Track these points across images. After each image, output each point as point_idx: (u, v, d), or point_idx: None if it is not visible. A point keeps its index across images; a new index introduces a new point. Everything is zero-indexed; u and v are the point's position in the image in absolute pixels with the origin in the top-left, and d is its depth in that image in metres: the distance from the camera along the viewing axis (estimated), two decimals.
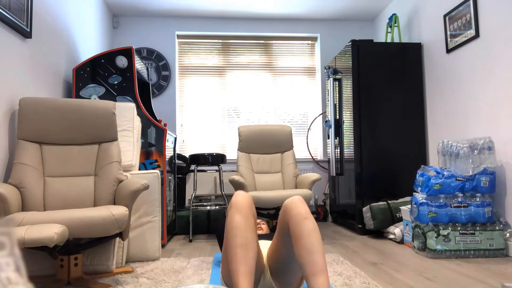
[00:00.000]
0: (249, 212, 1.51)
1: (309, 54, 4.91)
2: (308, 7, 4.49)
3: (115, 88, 3.11)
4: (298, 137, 4.80)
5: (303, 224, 1.45)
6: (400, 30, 4.22)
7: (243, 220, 1.47)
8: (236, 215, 1.49)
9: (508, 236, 2.61)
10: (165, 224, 3.08)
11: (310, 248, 1.40)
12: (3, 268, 0.40)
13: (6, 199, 1.91)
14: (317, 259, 1.38)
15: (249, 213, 1.51)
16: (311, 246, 1.41)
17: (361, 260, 2.52)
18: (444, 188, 2.67)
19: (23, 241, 1.57)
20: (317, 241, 1.42)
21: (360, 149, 3.59)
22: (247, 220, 1.48)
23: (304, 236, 1.43)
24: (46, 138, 2.24)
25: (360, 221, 3.51)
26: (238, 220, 1.47)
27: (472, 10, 2.97)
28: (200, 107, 4.72)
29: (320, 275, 1.36)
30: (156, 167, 3.08)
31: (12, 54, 2.32)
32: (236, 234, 1.44)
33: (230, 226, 1.48)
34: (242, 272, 1.38)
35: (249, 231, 1.46)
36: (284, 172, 3.74)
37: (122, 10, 4.48)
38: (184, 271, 2.28)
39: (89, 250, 2.24)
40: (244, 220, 1.48)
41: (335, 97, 4.00)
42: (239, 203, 1.51)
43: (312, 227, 1.45)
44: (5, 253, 0.41)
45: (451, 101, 3.29)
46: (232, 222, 1.48)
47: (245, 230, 1.45)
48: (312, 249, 1.40)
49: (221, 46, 4.81)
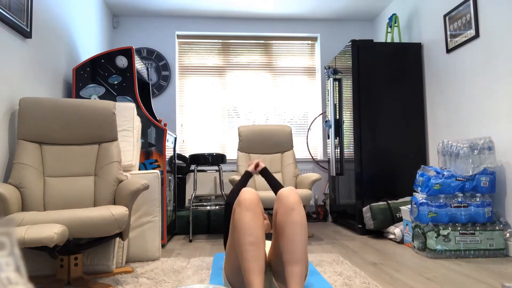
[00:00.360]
0: (258, 209, 1.50)
1: (309, 54, 4.91)
2: (308, 7, 4.49)
3: (115, 88, 3.11)
4: (298, 137, 4.80)
5: (289, 214, 1.47)
6: (400, 30, 4.22)
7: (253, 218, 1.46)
8: (245, 213, 1.47)
9: (508, 236, 2.61)
10: (165, 224, 3.08)
11: (292, 238, 1.42)
12: (3, 268, 0.40)
13: (6, 199, 1.91)
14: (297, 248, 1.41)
15: (258, 210, 1.50)
16: (293, 236, 1.43)
17: (361, 260, 2.52)
18: (444, 188, 2.67)
19: (23, 241, 1.57)
20: (300, 232, 1.44)
21: (360, 149, 3.59)
22: (257, 218, 1.47)
23: (288, 226, 1.44)
24: (46, 138, 2.24)
25: (360, 221, 3.51)
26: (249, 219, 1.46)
27: (472, 10, 2.97)
28: (200, 107, 4.72)
29: (296, 264, 1.39)
30: (156, 167, 3.08)
31: (12, 54, 2.32)
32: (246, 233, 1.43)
33: (240, 224, 1.46)
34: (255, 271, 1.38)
35: (259, 229, 1.46)
36: (284, 172, 3.74)
37: (122, 10, 4.48)
38: (184, 271, 2.28)
39: (89, 250, 2.24)
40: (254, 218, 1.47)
41: (335, 97, 4.00)
42: (248, 200, 1.50)
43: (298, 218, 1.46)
44: (5, 253, 0.41)
45: (451, 101, 3.29)
46: (241, 220, 1.46)
47: (254, 228, 1.45)
48: (293, 239, 1.42)
49: (221, 46, 4.81)
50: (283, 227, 1.45)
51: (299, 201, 1.51)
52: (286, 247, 1.41)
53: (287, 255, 1.40)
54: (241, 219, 1.46)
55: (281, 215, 1.48)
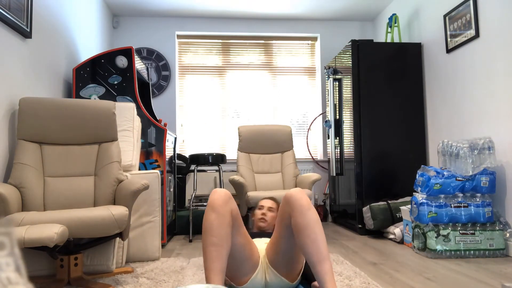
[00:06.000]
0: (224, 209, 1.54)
1: (309, 54, 4.91)
2: (308, 7, 4.49)
3: (115, 88, 3.11)
4: (298, 137, 4.80)
5: (307, 215, 1.52)
6: (400, 30, 4.22)
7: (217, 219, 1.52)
8: (210, 214, 1.54)
9: (508, 236, 2.61)
10: (165, 224, 3.08)
11: (314, 237, 1.48)
12: (3, 268, 0.40)
13: (6, 199, 1.91)
14: (321, 248, 1.47)
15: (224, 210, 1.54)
16: (315, 236, 1.48)
17: (361, 260, 2.52)
18: (444, 188, 2.67)
19: (23, 241, 1.57)
20: (320, 231, 1.50)
21: (360, 149, 3.59)
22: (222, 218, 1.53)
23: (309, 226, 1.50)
24: (46, 138, 2.24)
25: (360, 221, 3.51)
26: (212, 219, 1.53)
27: (472, 10, 2.97)
28: (200, 107, 4.72)
29: (325, 262, 1.45)
30: (156, 167, 3.08)
31: (12, 54, 2.32)
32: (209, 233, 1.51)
33: (204, 225, 1.55)
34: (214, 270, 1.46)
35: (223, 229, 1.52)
36: (284, 172, 3.74)
37: (122, 10, 4.48)
38: (184, 271, 2.28)
39: (89, 250, 2.24)
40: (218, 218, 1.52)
41: (335, 97, 4.00)
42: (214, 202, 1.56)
43: (315, 218, 1.52)
44: (5, 253, 0.41)
45: (451, 101, 3.29)
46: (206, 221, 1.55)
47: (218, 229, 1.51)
48: (316, 239, 1.48)
49: (221, 46, 4.81)
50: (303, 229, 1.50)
51: (310, 201, 1.59)
52: (311, 248, 1.47)
53: (314, 256, 1.46)
54: (206, 219, 1.55)
55: (298, 217, 1.52)
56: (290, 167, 3.73)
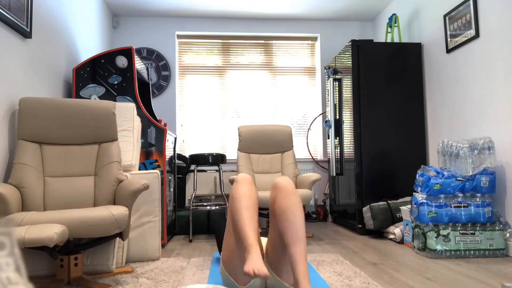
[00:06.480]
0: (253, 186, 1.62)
1: (309, 54, 4.91)
2: (308, 7, 4.49)
3: (115, 88, 3.11)
4: (298, 137, 4.80)
5: (289, 198, 1.55)
6: (400, 30, 4.22)
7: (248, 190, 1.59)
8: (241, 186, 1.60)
9: (508, 236, 2.61)
10: (165, 224, 3.08)
11: (292, 219, 1.49)
12: (3, 268, 0.40)
13: (6, 199, 1.91)
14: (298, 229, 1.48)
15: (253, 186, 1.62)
16: (294, 218, 1.50)
17: (361, 260, 2.52)
18: (444, 188, 2.67)
19: (23, 241, 1.57)
20: (299, 214, 1.52)
21: (360, 149, 3.59)
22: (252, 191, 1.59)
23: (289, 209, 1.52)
24: (46, 138, 2.24)
25: (360, 221, 3.51)
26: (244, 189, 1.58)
27: (472, 10, 2.97)
28: (200, 107, 4.72)
29: (299, 244, 1.45)
30: (156, 167, 3.08)
31: (12, 54, 2.32)
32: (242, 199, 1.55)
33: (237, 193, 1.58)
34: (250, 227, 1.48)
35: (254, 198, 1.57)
36: (284, 172, 3.74)
37: (122, 10, 4.48)
38: (184, 271, 2.28)
39: (89, 250, 2.24)
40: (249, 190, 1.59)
41: (335, 97, 4.00)
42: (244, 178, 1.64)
43: (297, 202, 1.55)
44: (5, 253, 0.41)
45: (451, 101, 3.29)
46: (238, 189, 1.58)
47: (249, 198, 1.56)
48: (294, 220, 1.49)
49: (221, 46, 4.81)
50: (284, 210, 1.53)
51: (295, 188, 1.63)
52: (288, 228, 1.48)
53: (289, 236, 1.47)
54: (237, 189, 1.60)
55: (281, 199, 1.56)
56: (290, 167, 3.73)
